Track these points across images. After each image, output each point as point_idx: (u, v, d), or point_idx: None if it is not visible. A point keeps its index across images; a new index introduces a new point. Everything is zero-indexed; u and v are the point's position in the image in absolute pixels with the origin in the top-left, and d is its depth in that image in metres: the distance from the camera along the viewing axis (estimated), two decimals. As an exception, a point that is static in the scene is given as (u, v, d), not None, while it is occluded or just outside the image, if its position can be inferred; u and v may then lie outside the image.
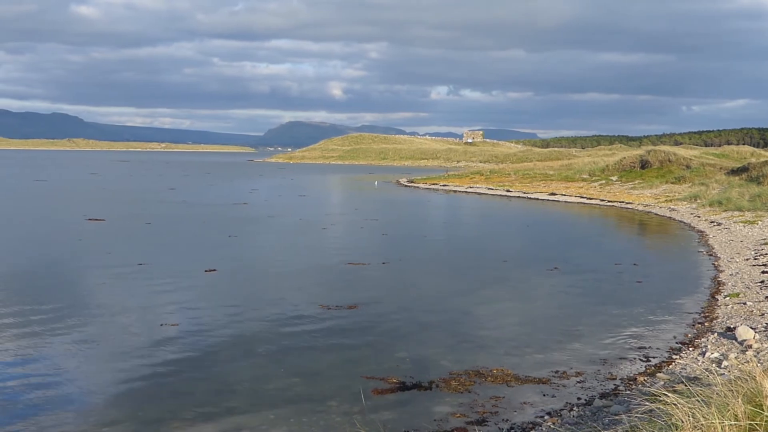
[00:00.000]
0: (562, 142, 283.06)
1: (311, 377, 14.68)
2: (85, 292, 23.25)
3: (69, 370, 15.02)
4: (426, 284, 25.52)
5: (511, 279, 26.57)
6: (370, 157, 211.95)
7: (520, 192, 73.57)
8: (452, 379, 14.41)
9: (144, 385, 14.11)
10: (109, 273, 25.94)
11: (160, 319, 19.19)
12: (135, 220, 44.27)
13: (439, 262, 30.42)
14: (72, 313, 19.83)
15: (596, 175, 77.89)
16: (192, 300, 22.07)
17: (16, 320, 18.80)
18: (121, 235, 37.58)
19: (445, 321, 19.74)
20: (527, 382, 14.39)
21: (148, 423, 12.21)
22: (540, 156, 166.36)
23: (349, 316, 19.93)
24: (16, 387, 13.85)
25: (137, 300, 21.84)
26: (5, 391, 13.58)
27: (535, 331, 18.75)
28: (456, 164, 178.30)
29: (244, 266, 28.49)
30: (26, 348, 16.43)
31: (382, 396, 13.44)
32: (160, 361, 15.65)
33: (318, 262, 29.60)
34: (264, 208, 54.77)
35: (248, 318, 19.72)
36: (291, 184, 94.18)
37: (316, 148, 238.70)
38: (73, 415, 12.57)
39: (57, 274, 26.09)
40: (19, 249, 32.17)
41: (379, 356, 16.19)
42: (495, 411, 12.76)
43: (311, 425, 12.15)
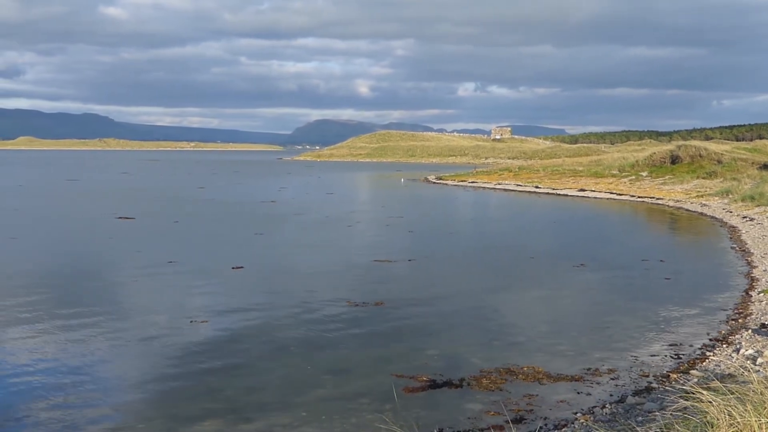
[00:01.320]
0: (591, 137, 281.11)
1: (341, 375, 14.67)
2: (116, 290, 23.43)
3: (101, 367, 15.13)
4: (453, 281, 25.42)
5: (539, 276, 26.40)
6: (398, 154, 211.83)
7: (549, 188, 73.13)
8: (483, 376, 14.32)
9: (176, 383, 14.18)
10: (140, 271, 26.13)
11: (189, 316, 19.28)
12: (164, 218, 44.60)
13: (466, 259, 30.31)
14: (103, 311, 19.99)
15: (626, 170, 77.22)
16: (220, 297, 22.18)
17: (48, 318, 18.98)
18: (150, 233, 37.86)
19: (474, 318, 19.66)
20: (559, 379, 14.28)
21: (182, 420, 12.26)
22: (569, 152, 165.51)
23: (377, 314, 19.90)
24: (50, 383, 13.97)
25: (167, 298, 22.00)
26: (40, 388, 13.70)
27: (565, 328, 18.61)
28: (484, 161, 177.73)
29: (271, 264, 28.57)
30: (58, 345, 16.59)
31: (413, 394, 13.39)
32: (192, 358, 15.71)
33: (344, 259, 29.61)
34: (291, 206, 54.91)
35: (277, 315, 19.76)
36: (318, 182, 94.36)
37: (344, 146, 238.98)
38: (106, 412, 12.67)
39: (89, 273, 26.30)
40: (52, 247, 32.53)
41: (408, 354, 16.14)
42: (529, 409, 12.67)
43: (343, 422, 12.14)
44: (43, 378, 14.30)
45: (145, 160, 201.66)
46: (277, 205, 55.70)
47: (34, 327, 18.11)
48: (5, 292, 22.31)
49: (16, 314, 19.35)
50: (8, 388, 13.75)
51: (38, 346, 16.50)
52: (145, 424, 12.07)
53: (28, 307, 20.11)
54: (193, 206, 54.32)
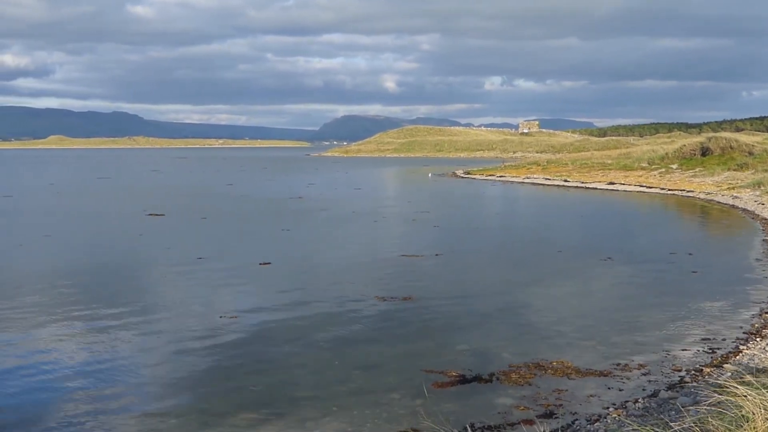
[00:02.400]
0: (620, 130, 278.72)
1: (371, 370, 14.69)
2: (146, 287, 23.62)
3: (133, 363, 15.26)
4: (481, 276, 25.35)
5: (568, 270, 26.24)
6: (426, 149, 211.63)
7: (578, 182, 72.68)
8: (512, 371, 14.27)
9: (208, 378, 14.28)
10: (169, 267, 26.35)
11: (219, 312, 19.38)
12: (194, 214, 44.87)
13: (493, 254, 30.20)
14: (134, 307, 20.16)
15: (655, 163, 76.53)
16: (249, 293, 22.30)
17: (80, 314, 19.19)
18: (180, 229, 38.12)
19: (502, 312, 19.58)
20: (589, 374, 14.18)
21: (213, 415, 12.34)
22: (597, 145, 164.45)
23: (406, 308, 19.89)
24: (83, 379, 14.12)
25: (196, 294, 22.13)
26: (73, 384, 13.86)
27: (594, 322, 18.48)
28: (512, 155, 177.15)
29: (299, 259, 28.65)
30: (90, 341, 16.75)
31: (443, 389, 13.37)
32: (222, 353, 15.80)
33: (371, 254, 29.63)
34: (318, 202, 55.03)
35: (305, 310, 19.81)
36: (346, 177, 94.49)
37: (372, 142, 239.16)
38: (139, 407, 12.78)
39: (120, 270, 26.54)
40: (84, 245, 32.87)
41: (438, 349, 16.12)
42: (559, 404, 12.61)
43: (374, 417, 12.14)
44: (76, 374, 14.45)
45: (173, 158, 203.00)
46: (305, 201, 55.85)
47: (66, 324, 18.31)
48: (38, 290, 22.59)
49: (49, 311, 19.58)
50: (42, 383, 13.93)
51: (70, 343, 16.68)
52: (178, 419, 12.16)
53: (60, 305, 20.34)
54: (222, 203, 54.64)
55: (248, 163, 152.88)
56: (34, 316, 18.93)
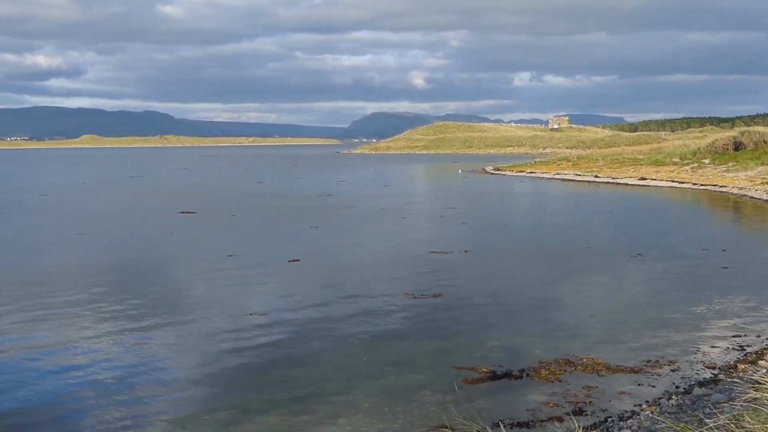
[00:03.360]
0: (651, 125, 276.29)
1: (402, 366, 14.70)
2: (178, 284, 23.82)
3: (165, 359, 15.40)
4: (510, 272, 25.27)
5: (597, 266, 26.08)
6: (455, 145, 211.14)
7: (608, 177, 72.15)
8: (542, 368, 14.22)
9: (239, 374, 14.37)
10: (200, 265, 26.53)
11: (249, 309, 19.49)
12: (224, 212, 45.15)
13: (522, 250, 30.05)
14: (166, 305, 20.34)
15: (687, 158, 75.79)
16: (279, 290, 22.41)
17: (112, 312, 19.40)
18: (211, 227, 38.34)
19: (532, 309, 19.51)
20: (619, 371, 14.09)
21: (246, 411, 12.42)
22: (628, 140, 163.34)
23: (435, 305, 19.87)
24: (116, 376, 14.28)
25: (227, 291, 22.28)
26: (106, 380, 14.02)
27: (624, 318, 18.35)
28: (542, 151, 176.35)
29: (327, 256, 28.72)
30: (122, 338, 16.93)
31: (473, 385, 13.36)
32: (253, 350, 15.90)
33: (400, 251, 29.62)
34: (348, 199, 55.12)
35: (335, 307, 19.86)
36: (375, 174, 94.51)
37: (401, 138, 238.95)
38: (172, 403, 12.90)
39: (152, 267, 26.78)
40: (117, 242, 33.17)
41: (467, 345, 16.11)
42: (589, 401, 12.54)
43: (405, 414, 12.16)
44: (109, 370, 14.61)
45: (204, 156, 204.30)
46: (334, 198, 55.96)
47: (98, 321, 18.52)
48: (71, 287, 22.86)
49: (82, 309, 19.81)
50: (76, 381, 14.09)
51: (102, 340, 16.86)
52: (210, 416, 12.25)
53: (93, 302, 20.58)
54: (252, 200, 54.90)
55: (278, 161, 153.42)
56: (68, 314, 19.16)
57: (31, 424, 12.02)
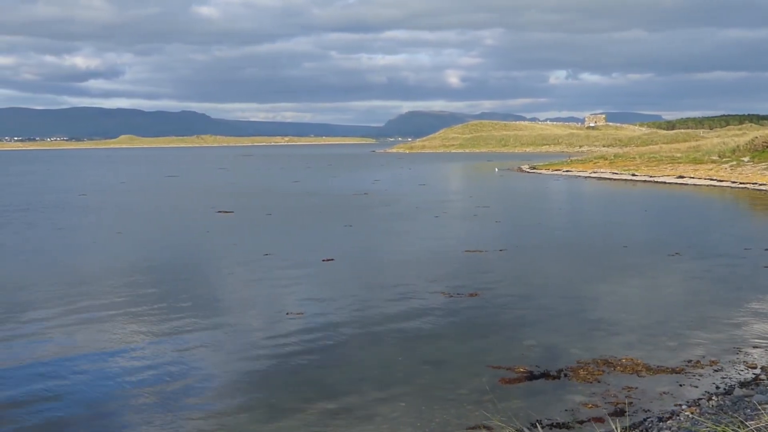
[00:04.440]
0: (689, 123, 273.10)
1: (439, 365, 14.68)
2: (214, 283, 24.00)
3: (201, 358, 15.52)
4: (546, 271, 25.09)
5: (634, 265, 25.79)
6: (491, 144, 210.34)
7: (646, 176, 71.43)
8: (581, 368, 14.12)
9: (276, 373, 14.45)
10: (237, 264, 26.71)
11: (285, 308, 19.59)
12: (260, 211, 45.41)
13: (558, 249, 29.83)
14: (202, 303, 20.52)
15: (726, 156, 74.73)
16: (314, 289, 22.46)
17: (150, 311, 19.61)
18: (247, 226, 38.58)
19: (569, 308, 19.37)
20: (659, 371, 13.95)
21: (283, 410, 12.48)
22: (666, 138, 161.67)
23: (472, 304, 19.82)
24: (153, 374, 14.43)
25: (263, 290, 22.42)
26: (143, 378, 14.19)
27: (664, 318, 18.16)
28: (578, 149, 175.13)
29: (361, 255, 28.75)
30: (159, 336, 17.10)
31: (510, 385, 13.31)
32: (290, 349, 15.97)
33: (435, 250, 29.58)
34: (383, 198, 55.15)
35: (371, 306, 19.88)
36: (411, 173, 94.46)
37: (437, 137, 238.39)
38: (208, 401, 13.01)
39: (189, 266, 27.01)
40: (155, 241, 33.51)
41: (505, 344, 16.05)
42: (629, 401, 12.43)
43: (442, 413, 12.14)
44: (146, 369, 14.78)
45: (240, 156, 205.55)
46: (369, 197, 56.03)
47: (136, 320, 18.73)
48: (109, 287, 23.14)
49: (119, 308, 20.04)
50: (114, 378, 14.27)
51: (140, 338, 17.05)
52: (248, 414, 12.33)
53: (131, 301, 20.82)
54: (288, 199, 55.15)
55: (314, 160, 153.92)
56: (106, 314, 19.39)
57: (71, 421, 12.18)
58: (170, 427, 11.84)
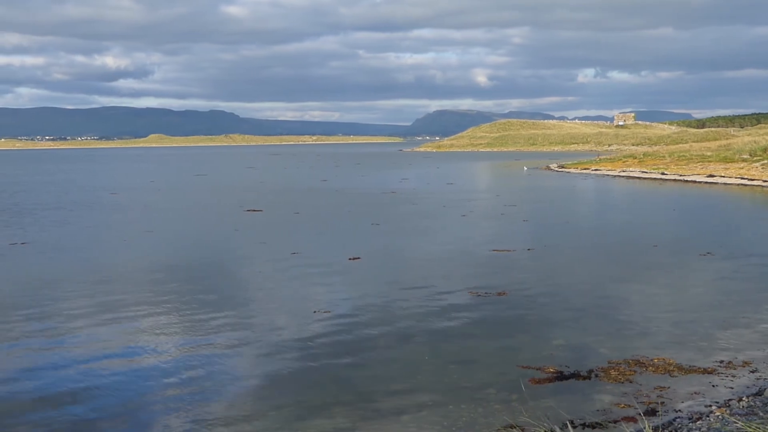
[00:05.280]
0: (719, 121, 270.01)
1: (467, 365, 14.63)
2: (242, 281, 24.08)
3: (229, 356, 15.58)
4: (575, 270, 24.92)
5: (664, 264, 25.56)
6: (519, 143, 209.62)
7: (675, 174, 70.78)
8: (611, 368, 14.01)
9: (303, 372, 14.46)
10: (264, 262, 26.80)
11: (312, 307, 19.63)
12: (289, 210, 45.56)
13: (586, 248, 29.62)
14: (230, 301, 20.61)
15: (758, 155, 73.83)
16: (341, 288, 22.48)
17: (178, 309, 19.73)
18: (275, 225, 38.71)
19: (599, 308, 19.23)
20: (691, 371, 13.81)
21: (311, 408, 12.49)
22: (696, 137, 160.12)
23: (500, 303, 19.74)
24: (181, 372, 14.51)
25: (290, 289, 22.45)
26: (171, 376, 14.27)
27: (696, 318, 17.98)
28: (607, 148, 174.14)
29: (388, 254, 28.72)
30: (187, 335, 17.19)
31: (540, 385, 13.23)
32: (317, 348, 15.98)
33: (462, 248, 29.50)
34: (410, 196, 55.12)
35: (398, 305, 19.85)
36: (438, 172, 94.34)
37: (464, 136, 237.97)
38: (236, 400, 13.06)
39: (217, 265, 27.15)
40: (183, 240, 33.73)
41: (533, 344, 15.96)
42: (661, 401, 12.32)
43: (470, 412, 12.10)
44: (174, 367, 14.86)
45: (269, 155, 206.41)
46: (396, 196, 56.02)
47: (165, 317, 18.85)
48: (138, 285, 23.33)
49: (148, 306, 20.19)
50: (141, 376, 14.37)
51: (168, 337, 17.15)
52: (276, 412, 12.36)
53: (160, 299, 20.96)
54: (316, 198, 55.29)
55: (342, 159, 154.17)
56: (135, 312, 19.53)
57: (99, 419, 12.27)
58: (198, 425, 11.89)
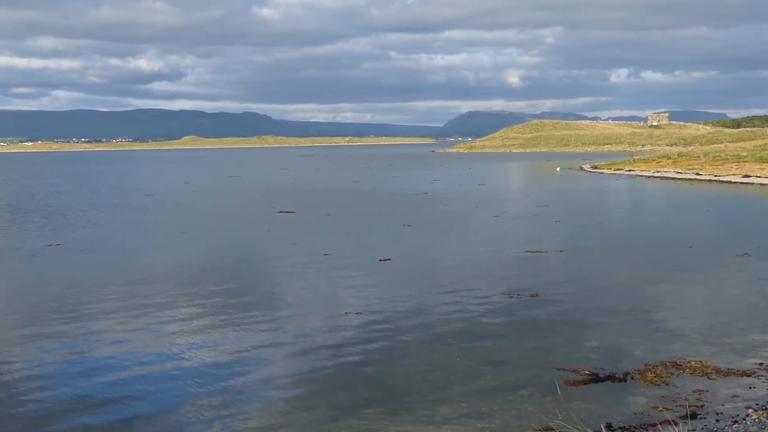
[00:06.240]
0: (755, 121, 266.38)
1: (500, 366, 14.52)
2: (274, 282, 24.13)
3: (261, 356, 15.61)
4: (608, 272, 24.65)
5: (700, 265, 25.23)
6: (552, 144, 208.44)
7: (710, 175, 69.96)
8: (648, 370, 13.82)
9: (335, 372, 14.44)
10: (297, 263, 26.80)
11: (343, 307, 19.61)
12: (321, 211, 45.62)
13: (620, 249, 29.30)
14: (262, 302, 20.67)
15: (796, 154, 72.81)
16: (372, 289, 22.41)
17: (210, 309, 19.82)
18: (307, 226, 38.75)
19: (634, 309, 19.01)
20: (730, 374, 13.59)
21: (344, 408, 12.46)
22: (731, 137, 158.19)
23: (533, 305, 19.59)
24: (214, 372, 14.56)
25: (322, 289, 22.49)
26: (202, 376, 14.31)
27: (733, 320, 17.71)
28: (641, 148, 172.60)
29: (419, 255, 28.64)
30: (220, 335, 17.26)
31: (575, 387, 13.08)
32: (349, 348, 15.96)
33: (494, 249, 29.34)
34: (442, 197, 54.98)
35: (430, 306, 19.78)
36: (471, 173, 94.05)
37: (497, 137, 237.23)
38: (270, 399, 13.07)
39: (249, 266, 27.27)
40: (217, 241, 33.88)
41: (567, 346, 15.81)
42: (700, 404, 12.12)
43: (504, 414, 12.00)
44: (207, 366, 14.92)
45: (301, 156, 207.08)
46: (428, 197, 55.91)
47: (198, 318, 18.95)
48: (172, 286, 23.47)
49: (182, 307, 20.31)
50: (175, 374, 14.45)
51: (201, 336, 17.24)
52: (309, 413, 12.34)
53: (192, 301, 21.07)
54: (348, 199, 55.35)
55: (374, 161, 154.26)
56: (169, 313, 19.65)
57: (136, 419, 12.33)
58: (232, 424, 11.90)
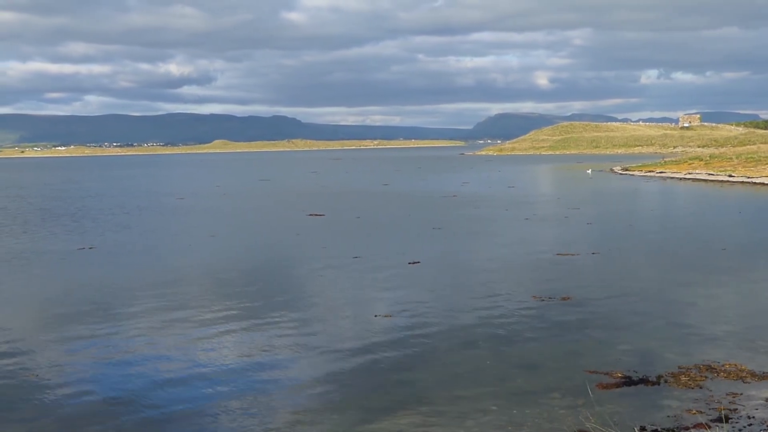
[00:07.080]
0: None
1: (531, 369, 14.46)
2: (304, 285, 24.19)
3: (291, 358, 15.67)
4: (640, 275, 24.45)
5: (733, 268, 24.96)
6: (582, 146, 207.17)
7: (743, 177, 69.14)
8: (681, 373, 13.69)
9: (366, 375, 14.45)
10: (327, 266, 26.84)
11: (373, 310, 19.63)
12: (350, 214, 45.71)
13: (652, 252, 29.04)
14: (292, 305, 20.73)
15: (831, 155, 71.78)
16: (401, 292, 22.40)
17: (240, 312, 19.91)
18: (336, 229, 38.82)
19: (667, 312, 18.84)
20: (765, 378, 13.42)
21: (375, 411, 12.46)
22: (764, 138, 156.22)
23: (564, 308, 19.47)
24: (244, 373, 14.65)
25: (351, 292, 22.53)
26: (234, 377, 14.40)
27: (764, 323, 17.52)
28: (672, 150, 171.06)
29: (448, 258, 28.59)
30: (250, 337, 17.36)
31: (607, 390, 12.99)
32: (379, 351, 15.96)
33: (525, 252, 29.20)
34: (471, 200, 54.83)
35: (460, 309, 19.73)
36: (500, 175, 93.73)
37: (526, 139, 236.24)
38: (300, 401, 13.10)
39: (279, 268, 27.40)
40: (246, 244, 34.05)
41: (599, 349, 15.70)
42: (734, 408, 11.98)
43: (535, 417, 11.94)
44: (238, 367, 15.02)
45: (330, 159, 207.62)
46: (458, 199, 55.78)
47: (228, 320, 19.05)
48: (202, 288, 23.64)
49: (211, 308, 20.45)
50: (205, 375, 14.54)
51: (231, 338, 17.35)
52: (339, 415, 12.35)
53: (223, 303, 21.19)
54: (378, 202, 55.39)
55: (403, 163, 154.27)
56: (199, 314, 19.80)
57: (166, 418, 12.43)
58: (264, 424, 11.96)
